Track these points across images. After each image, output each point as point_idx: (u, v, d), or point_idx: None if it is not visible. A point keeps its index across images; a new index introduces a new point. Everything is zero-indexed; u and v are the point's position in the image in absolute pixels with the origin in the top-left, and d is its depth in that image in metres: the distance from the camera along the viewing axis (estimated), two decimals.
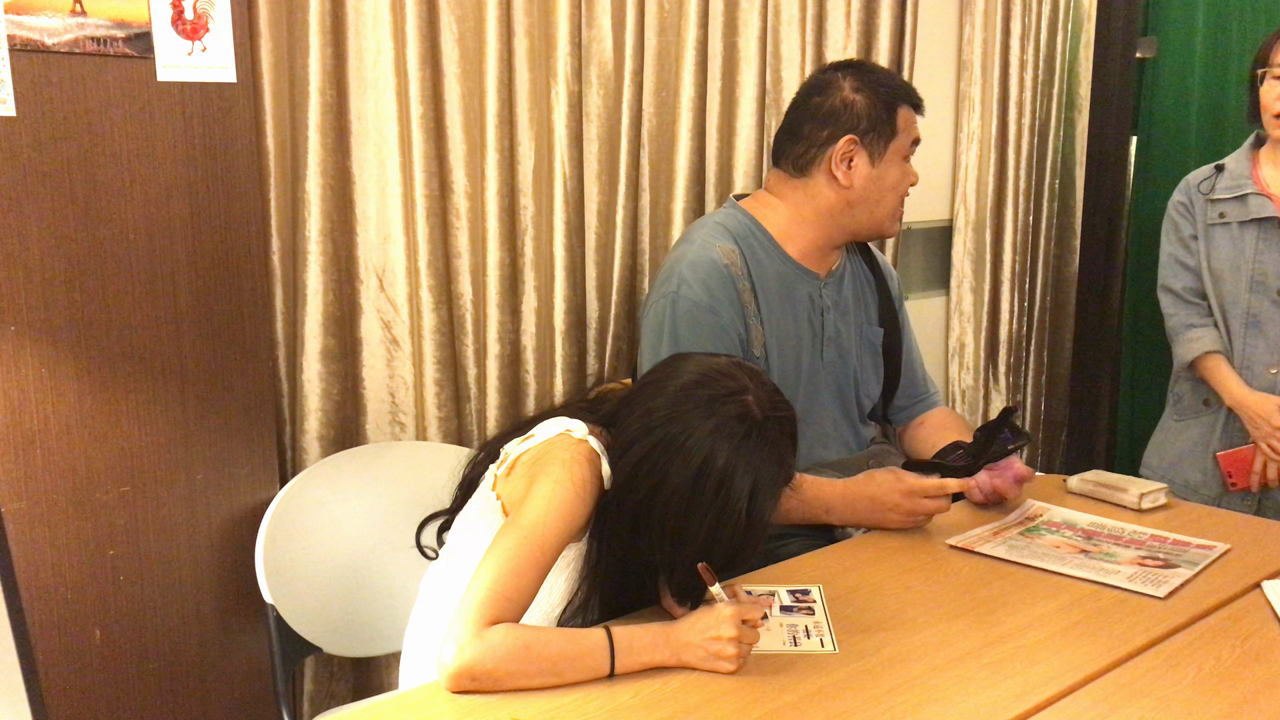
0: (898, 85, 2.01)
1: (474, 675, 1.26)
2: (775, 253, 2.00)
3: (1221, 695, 1.31)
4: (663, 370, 1.46)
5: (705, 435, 1.34)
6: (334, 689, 2.08)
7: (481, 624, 1.27)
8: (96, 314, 1.64)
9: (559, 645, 1.30)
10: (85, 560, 1.68)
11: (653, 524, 1.37)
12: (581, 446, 1.40)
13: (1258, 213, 2.41)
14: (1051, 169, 3.29)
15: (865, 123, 1.95)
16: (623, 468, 1.38)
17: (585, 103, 2.23)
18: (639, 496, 1.37)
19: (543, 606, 1.42)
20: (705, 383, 1.39)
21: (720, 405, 1.36)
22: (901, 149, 1.99)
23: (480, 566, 1.32)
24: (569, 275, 2.24)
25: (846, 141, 1.95)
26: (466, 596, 1.29)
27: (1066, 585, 1.61)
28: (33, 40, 1.54)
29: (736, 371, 1.42)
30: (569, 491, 1.36)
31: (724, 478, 1.34)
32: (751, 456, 1.35)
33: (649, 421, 1.38)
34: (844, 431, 2.09)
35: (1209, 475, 2.51)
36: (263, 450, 1.85)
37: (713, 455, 1.34)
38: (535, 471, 1.40)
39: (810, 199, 2.00)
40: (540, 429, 1.46)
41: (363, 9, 1.94)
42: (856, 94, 1.97)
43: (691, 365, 1.44)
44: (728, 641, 1.33)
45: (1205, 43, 3.19)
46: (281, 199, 1.91)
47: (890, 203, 2.00)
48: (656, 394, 1.41)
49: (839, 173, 1.96)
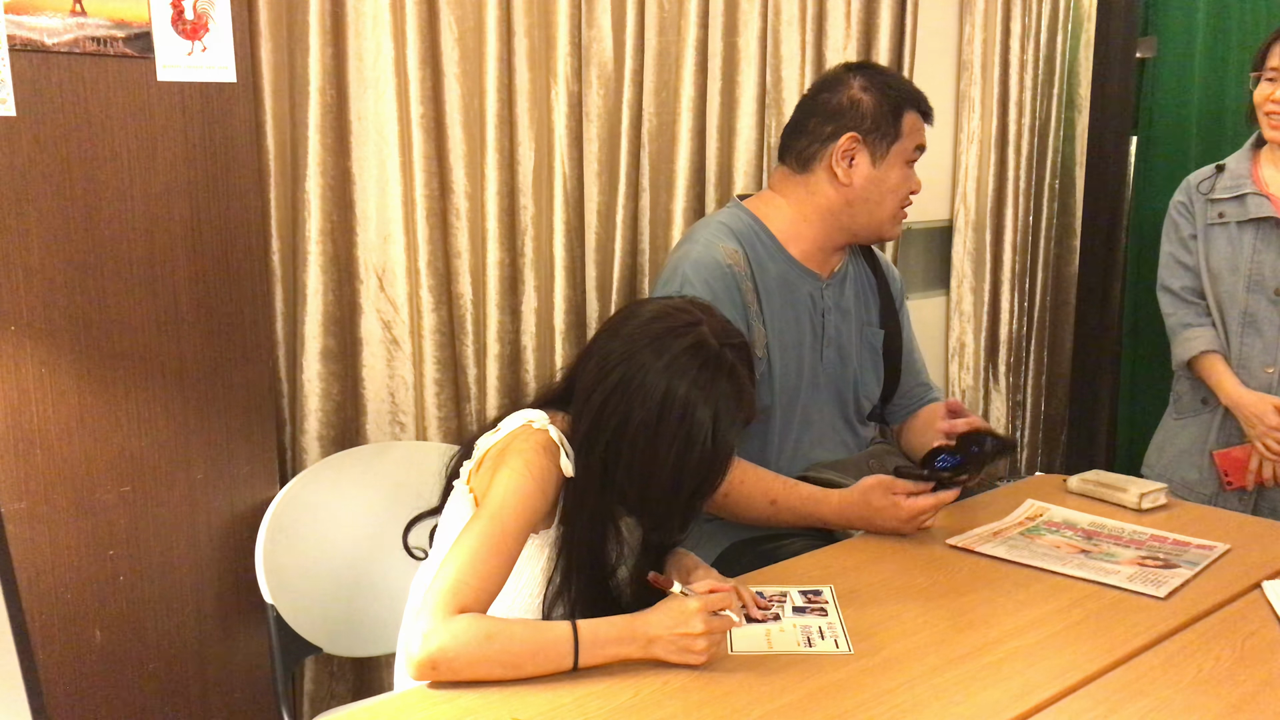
0: (907, 90, 2.00)
1: (437, 664, 1.26)
2: (778, 253, 2.00)
3: (1221, 695, 1.31)
4: (616, 316, 1.51)
5: (662, 369, 1.38)
6: (334, 689, 2.08)
7: (448, 613, 1.28)
8: (96, 314, 1.64)
9: (522, 636, 1.31)
10: (85, 560, 1.68)
11: (620, 465, 1.40)
12: (539, 436, 1.42)
13: (1256, 213, 2.41)
14: (1051, 169, 3.29)
15: (869, 122, 1.95)
16: (586, 414, 1.41)
17: (585, 103, 2.23)
18: (605, 439, 1.39)
19: (523, 596, 1.44)
20: (658, 318, 1.43)
21: (675, 339, 1.40)
22: (905, 153, 1.98)
23: (445, 558, 1.34)
24: (569, 275, 2.24)
25: (849, 139, 1.95)
26: (432, 587, 1.31)
27: (1066, 585, 1.61)
28: (33, 40, 1.54)
29: (688, 305, 1.46)
30: (525, 480, 1.38)
31: (685, 408, 1.37)
32: (710, 385, 1.38)
33: (606, 364, 1.41)
34: (843, 432, 2.09)
35: (1206, 474, 2.51)
36: (263, 450, 1.85)
37: (673, 388, 1.37)
38: (497, 464, 1.42)
39: (811, 195, 2.00)
40: (505, 422, 1.48)
41: (363, 9, 1.94)
42: (864, 93, 1.97)
43: (646, 307, 1.48)
44: (696, 636, 1.34)
45: (1205, 43, 3.19)
46: (281, 199, 1.91)
47: (890, 205, 2.00)
48: (611, 337, 1.45)
49: (839, 170, 1.96)
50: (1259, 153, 2.47)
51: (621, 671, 1.33)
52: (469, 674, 1.28)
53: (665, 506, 1.43)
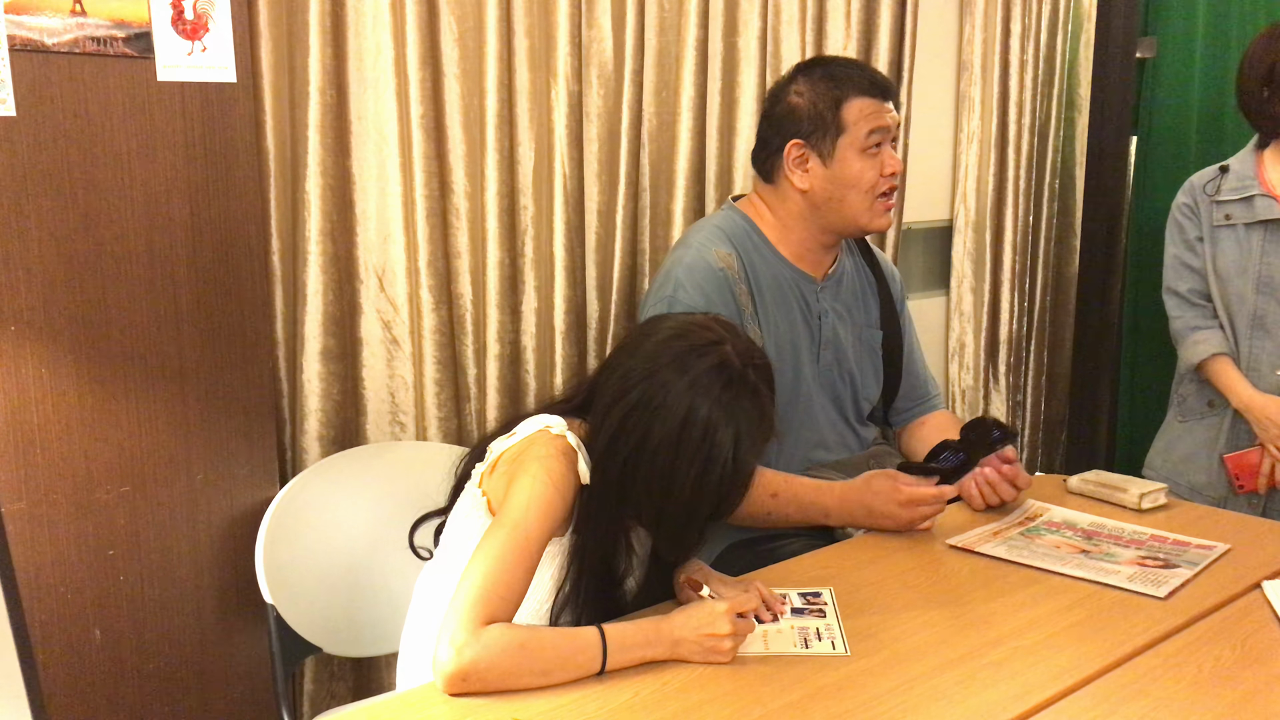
0: (847, 78, 1.95)
1: (469, 676, 1.26)
2: (772, 255, 2.00)
3: (1221, 695, 1.31)
4: (638, 331, 1.49)
5: (685, 388, 1.36)
6: (334, 689, 2.08)
7: (477, 624, 1.27)
8: (96, 314, 1.64)
9: (553, 643, 1.30)
10: (85, 560, 1.68)
11: (639, 481, 1.38)
12: (558, 442, 1.41)
13: (1264, 214, 2.40)
14: (1051, 169, 3.29)
15: (806, 124, 1.94)
16: (605, 430, 1.39)
17: (585, 103, 2.23)
18: (624, 456, 1.38)
19: (530, 603, 1.42)
20: (680, 335, 1.41)
21: (698, 357, 1.38)
22: (856, 143, 1.92)
23: (469, 567, 1.32)
24: (569, 275, 2.24)
25: (793, 146, 1.95)
26: (458, 597, 1.29)
27: (1066, 585, 1.61)
28: (33, 40, 1.54)
29: (711, 324, 1.44)
30: (547, 486, 1.37)
31: (707, 429, 1.35)
32: (733, 406, 1.37)
33: (627, 382, 1.39)
34: (844, 434, 2.08)
35: (1215, 477, 2.50)
36: (263, 450, 1.85)
37: (694, 408, 1.35)
38: (515, 469, 1.41)
39: (783, 203, 2.01)
40: (521, 426, 1.47)
41: (363, 9, 1.94)
42: (799, 97, 1.96)
43: (667, 323, 1.46)
44: (723, 636, 1.34)
45: (1205, 43, 3.19)
46: (281, 199, 1.91)
47: (856, 198, 1.94)
48: (633, 353, 1.43)
49: (795, 177, 1.96)
50: (1263, 154, 2.46)
51: (621, 672, 1.33)
52: (501, 685, 1.27)
53: (682, 525, 1.41)
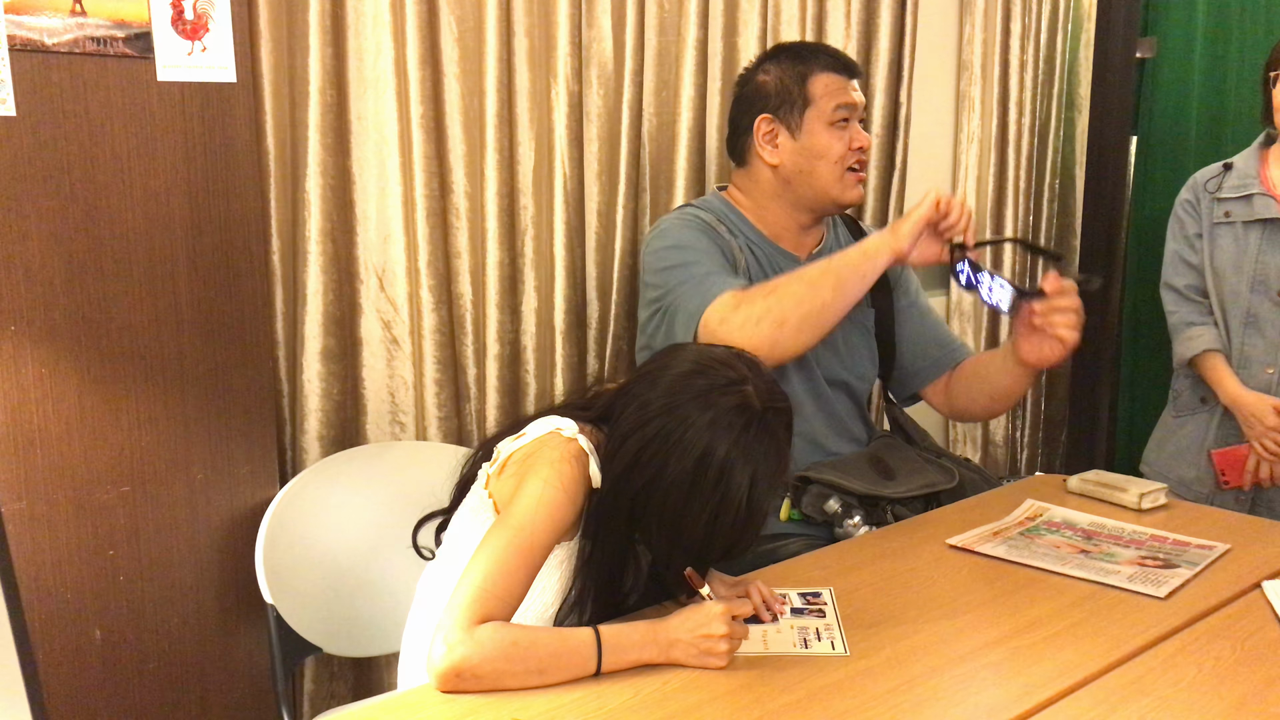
0: (811, 54, 2.03)
1: (462, 673, 1.25)
2: (754, 235, 2.05)
3: (1221, 695, 1.31)
4: (659, 360, 1.44)
5: (704, 427, 1.33)
6: (334, 689, 2.08)
7: (471, 622, 1.27)
8: (96, 314, 1.64)
9: (546, 643, 1.30)
10: (85, 560, 1.68)
11: (650, 516, 1.36)
12: (570, 445, 1.39)
13: (1263, 213, 2.41)
14: (1051, 169, 3.29)
15: (775, 99, 2.01)
16: (620, 460, 1.36)
17: (585, 103, 2.23)
18: (636, 488, 1.35)
19: (536, 606, 1.42)
20: (702, 372, 1.37)
21: (719, 396, 1.34)
22: (823, 115, 1.99)
23: (469, 565, 1.32)
24: (569, 275, 2.24)
25: (762, 120, 2.02)
26: (456, 595, 1.29)
27: (1066, 585, 1.61)
28: (33, 40, 1.54)
29: (734, 360, 1.40)
30: (556, 490, 1.35)
31: (724, 470, 1.32)
32: (751, 448, 1.33)
33: (645, 413, 1.36)
34: (844, 419, 2.08)
35: (1203, 472, 2.52)
36: (263, 450, 1.85)
37: (712, 447, 1.32)
38: (524, 470, 1.39)
39: (756, 184, 2.06)
40: (531, 428, 1.45)
41: (363, 9, 1.94)
42: (765, 74, 2.04)
43: (688, 354, 1.42)
44: (719, 639, 1.33)
45: (1205, 43, 3.20)
46: (281, 199, 1.91)
47: (825, 170, 2.00)
48: (653, 384, 1.38)
49: (765, 153, 2.02)
50: (1267, 153, 2.47)
51: (621, 671, 1.33)
52: (494, 684, 1.27)
53: (692, 561, 1.38)
